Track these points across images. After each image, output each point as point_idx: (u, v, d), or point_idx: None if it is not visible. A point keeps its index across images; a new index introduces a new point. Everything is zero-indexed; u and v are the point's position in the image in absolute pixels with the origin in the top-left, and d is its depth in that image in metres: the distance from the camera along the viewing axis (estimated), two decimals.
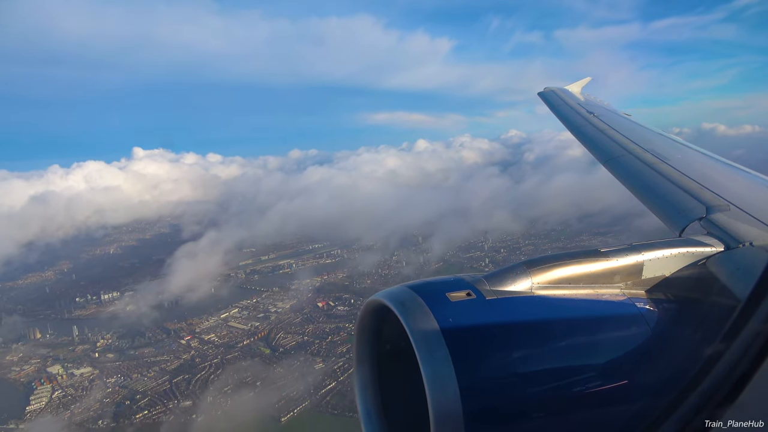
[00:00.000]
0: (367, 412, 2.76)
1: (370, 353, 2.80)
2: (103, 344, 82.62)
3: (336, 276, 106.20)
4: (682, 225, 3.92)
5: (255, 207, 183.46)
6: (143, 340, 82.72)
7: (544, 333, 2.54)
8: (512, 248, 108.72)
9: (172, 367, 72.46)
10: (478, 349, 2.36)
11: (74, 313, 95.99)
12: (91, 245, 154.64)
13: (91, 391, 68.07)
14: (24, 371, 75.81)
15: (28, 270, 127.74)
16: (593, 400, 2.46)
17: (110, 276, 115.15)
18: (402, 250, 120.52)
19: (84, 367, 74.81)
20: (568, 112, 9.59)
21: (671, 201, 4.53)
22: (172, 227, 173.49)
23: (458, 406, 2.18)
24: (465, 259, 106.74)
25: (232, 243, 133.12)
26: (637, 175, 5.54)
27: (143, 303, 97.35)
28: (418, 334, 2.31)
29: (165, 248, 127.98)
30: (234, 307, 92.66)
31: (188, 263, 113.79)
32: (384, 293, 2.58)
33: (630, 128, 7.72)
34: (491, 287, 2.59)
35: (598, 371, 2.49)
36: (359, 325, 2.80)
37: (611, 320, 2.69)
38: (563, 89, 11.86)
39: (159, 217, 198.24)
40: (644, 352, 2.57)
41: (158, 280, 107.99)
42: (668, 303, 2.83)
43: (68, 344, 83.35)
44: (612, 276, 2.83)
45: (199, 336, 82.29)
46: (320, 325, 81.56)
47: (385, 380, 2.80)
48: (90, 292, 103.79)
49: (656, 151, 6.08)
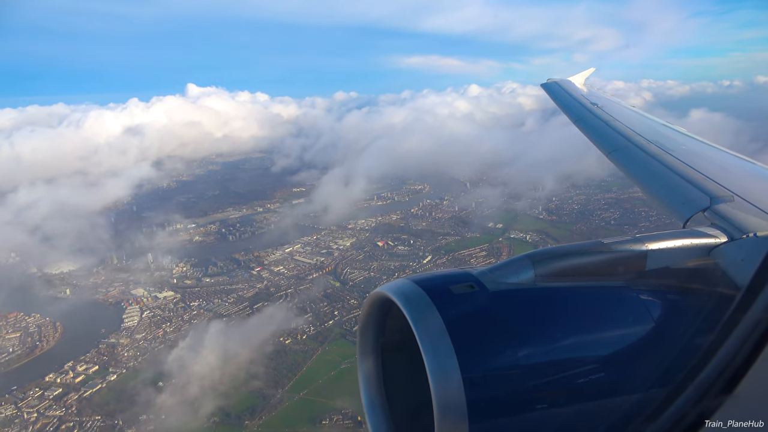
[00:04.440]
0: (371, 404, 2.81)
1: (373, 346, 2.85)
2: (178, 271, 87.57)
3: (390, 217, 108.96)
4: (686, 216, 3.96)
5: (338, 146, 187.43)
6: (216, 269, 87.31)
7: (546, 325, 2.58)
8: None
9: (249, 294, 76.76)
10: (481, 341, 2.40)
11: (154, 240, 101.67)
12: (177, 175, 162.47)
13: (177, 312, 73.13)
14: (110, 293, 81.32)
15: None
16: (596, 391, 2.53)
17: (190, 206, 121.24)
18: (451, 194, 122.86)
19: (166, 291, 79.75)
20: (571, 103, 9.68)
21: (675, 192, 4.59)
22: (248, 162, 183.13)
23: (462, 397, 2.24)
24: (518, 206, 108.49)
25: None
26: (641, 166, 5.63)
27: (212, 234, 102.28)
28: (422, 326, 2.35)
29: (241, 183, 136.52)
30: (297, 243, 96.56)
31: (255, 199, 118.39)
32: (388, 286, 2.62)
33: (634, 119, 7.86)
34: (494, 279, 2.64)
35: (601, 363, 2.54)
36: (363, 318, 2.82)
37: (614, 312, 2.73)
38: (566, 80, 12.12)
39: (239, 151, 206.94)
40: (647, 344, 2.61)
41: (233, 213, 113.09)
42: (672, 294, 2.85)
43: (145, 270, 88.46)
44: (615, 268, 2.87)
45: (268, 267, 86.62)
46: (384, 263, 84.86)
47: (389, 372, 2.86)
48: (170, 221, 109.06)
49: (660, 142, 6.12)
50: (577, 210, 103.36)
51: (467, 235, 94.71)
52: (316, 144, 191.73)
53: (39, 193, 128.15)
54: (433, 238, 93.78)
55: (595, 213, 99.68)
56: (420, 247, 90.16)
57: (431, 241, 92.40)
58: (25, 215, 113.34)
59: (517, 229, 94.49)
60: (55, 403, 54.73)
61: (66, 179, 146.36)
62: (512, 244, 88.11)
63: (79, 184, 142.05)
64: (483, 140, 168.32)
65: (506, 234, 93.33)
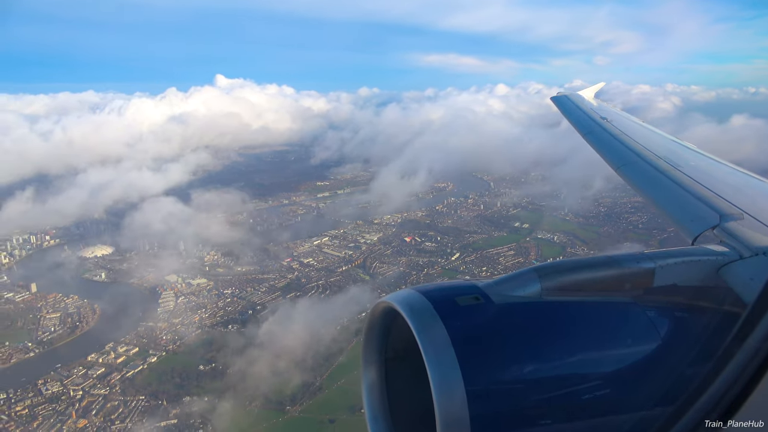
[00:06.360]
0: (373, 414, 2.78)
1: (377, 355, 2.82)
2: (209, 259, 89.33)
3: (415, 214, 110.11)
4: (695, 233, 3.94)
5: (377, 140, 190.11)
6: (246, 259, 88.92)
7: (552, 339, 2.56)
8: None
9: (281, 284, 78.31)
10: (485, 354, 2.37)
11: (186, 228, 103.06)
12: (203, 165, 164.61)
13: (211, 299, 74.79)
14: (144, 278, 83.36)
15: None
16: (601, 407, 2.51)
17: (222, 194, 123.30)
18: (475, 192, 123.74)
19: (199, 278, 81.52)
20: (581, 116, 9.63)
21: (684, 208, 4.57)
22: (283, 154, 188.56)
23: (465, 411, 2.22)
24: (542, 206, 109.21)
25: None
26: (650, 182, 5.60)
27: (241, 224, 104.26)
28: (426, 337, 2.32)
29: (273, 173, 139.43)
30: (324, 236, 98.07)
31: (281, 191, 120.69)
32: (393, 296, 2.60)
33: (643, 134, 7.80)
34: (500, 292, 2.62)
35: (607, 378, 2.51)
36: (367, 327, 2.81)
37: (621, 327, 2.72)
38: (576, 94, 12.13)
39: (274, 143, 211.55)
40: (654, 361, 2.59)
41: (261, 204, 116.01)
42: (679, 312, 2.83)
43: (177, 257, 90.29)
44: (622, 283, 2.84)
45: (297, 259, 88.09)
46: (412, 258, 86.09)
47: (393, 383, 2.82)
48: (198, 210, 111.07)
49: (669, 158, 6.07)
50: (604, 213, 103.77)
51: (494, 234, 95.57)
52: (353, 138, 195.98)
53: (84, 179, 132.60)
54: (460, 236, 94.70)
55: (622, 216, 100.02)
56: (447, 244, 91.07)
57: (458, 239, 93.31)
58: (65, 200, 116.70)
59: (544, 230, 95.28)
60: (99, 382, 56.61)
61: (112, 165, 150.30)
62: (540, 245, 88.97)
63: (126, 170, 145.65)
64: (527, 139, 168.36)
65: (533, 234, 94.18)
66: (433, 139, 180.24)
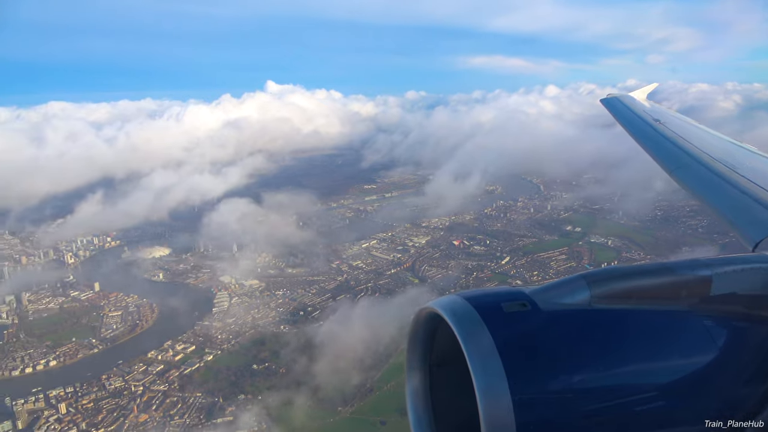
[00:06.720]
0: (418, 419, 2.75)
1: (421, 361, 2.79)
2: (261, 261, 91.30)
3: (463, 217, 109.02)
4: (756, 239, 3.78)
5: (427, 143, 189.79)
6: (296, 261, 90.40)
7: (602, 348, 2.47)
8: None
9: (331, 287, 79.25)
10: (532, 362, 2.33)
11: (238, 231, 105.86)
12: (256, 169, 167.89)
13: (263, 300, 76.33)
14: (199, 278, 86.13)
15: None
16: (654, 421, 2.43)
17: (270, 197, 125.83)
18: (525, 196, 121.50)
19: (251, 280, 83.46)
20: (633, 119, 9.34)
21: (743, 213, 4.38)
22: (332, 158, 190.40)
23: (511, 419, 2.18)
24: (596, 210, 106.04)
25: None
26: (707, 185, 5.37)
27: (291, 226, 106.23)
28: (471, 344, 2.29)
29: (323, 176, 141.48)
30: (372, 239, 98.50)
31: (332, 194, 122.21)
32: (437, 302, 2.56)
33: (698, 136, 7.56)
34: (548, 299, 2.54)
35: (660, 391, 2.42)
36: (411, 333, 2.77)
37: (675, 338, 2.59)
38: (627, 95, 11.73)
39: (324, 147, 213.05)
40: (711, 373, 2.49)
41: (311, 206, 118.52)
42: (738, 322, 2.71)
43: (230, 258, 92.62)
44: (677, 291, 2.70)
45: (346, 261, 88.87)
46: (461, 262, 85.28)
47: (437, 389, 2.79)
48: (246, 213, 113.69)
49: (727, 161, 5.85)
50: (661, 216, 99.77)
51: (545, 238, 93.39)
52: (403, 141, 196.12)
53: (148, 182, 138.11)
54: (510, 239, 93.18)
55: (679, 220, 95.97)
56: (497, 248, 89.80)
57: (508, 242, 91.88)
58: (131, 203, 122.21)
59: (598, 234, 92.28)
60: (158, 378, 58.87)
61: (173, 169, 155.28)
62: (593, 249, 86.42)
63: (187, 173, 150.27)
64: (581, 141, 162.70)
65: (586, 238, 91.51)
66: (485, 141, 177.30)
